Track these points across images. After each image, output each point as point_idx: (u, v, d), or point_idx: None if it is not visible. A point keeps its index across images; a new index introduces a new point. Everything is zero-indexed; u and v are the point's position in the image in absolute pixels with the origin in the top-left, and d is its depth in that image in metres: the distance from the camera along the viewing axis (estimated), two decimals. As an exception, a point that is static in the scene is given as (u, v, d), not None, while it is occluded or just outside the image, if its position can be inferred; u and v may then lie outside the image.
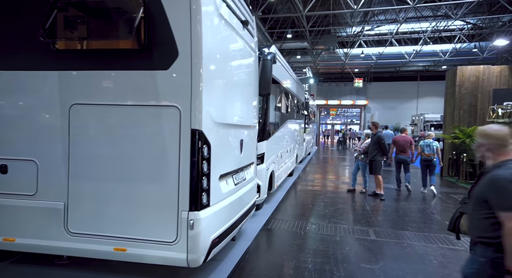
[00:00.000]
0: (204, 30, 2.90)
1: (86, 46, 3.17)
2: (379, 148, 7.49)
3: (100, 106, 3.04)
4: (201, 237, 2.94)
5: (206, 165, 2.99)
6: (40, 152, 3.11)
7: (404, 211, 6.54)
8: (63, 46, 3.06)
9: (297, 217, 5.96)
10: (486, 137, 2.14)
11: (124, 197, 3.01)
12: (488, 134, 2.14)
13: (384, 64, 28.75)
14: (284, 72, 7.56)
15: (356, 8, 16.17)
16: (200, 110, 2.89)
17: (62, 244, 3.07)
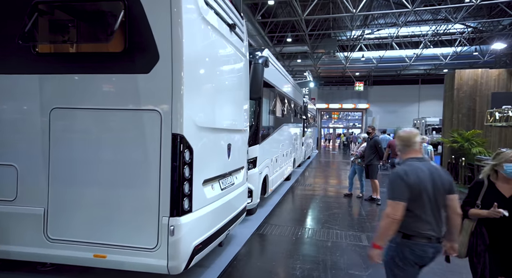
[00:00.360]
0: (186, 33, 2.86)
1: (66, 49, 3.15)
2: (375, 152, 7.42)
3: (80, 110, 3.00)
4: (182, 243, 2.88)
5: (187, 169, 2.94)
6: (20, 157, 3.08)
7: (400, 216, 6.44)
8: (43, 49, 3.03)
9: (291, 222, 5.89)
10: (397, 139, 2.49)
11: (104, 202, 2.96)
12: (398, 136, 2.48)
13: (385, 68, 28.66)
14: (279, 76, 7.53)
15: (355, 12, 16.17)
16: (181, 114, 2.85)
17: (42, 251, 3.02)
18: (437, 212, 2.28)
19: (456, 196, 2.34)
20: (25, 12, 2.94)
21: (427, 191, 2.25)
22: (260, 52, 5.95)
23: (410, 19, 20.50)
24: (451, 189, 2.33)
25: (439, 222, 2.29)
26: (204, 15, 3.21)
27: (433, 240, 2.24)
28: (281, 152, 7.98)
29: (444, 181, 2.31)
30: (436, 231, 2.26)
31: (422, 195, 2.24)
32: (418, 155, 2.39)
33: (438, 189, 2.28)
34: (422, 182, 2.25)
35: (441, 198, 2.29)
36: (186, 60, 2.86)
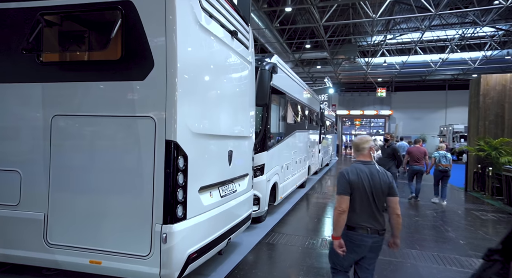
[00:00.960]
0: (180, 41, 2.87)
1: (67, 58, 3.24)
2: (394, 160, 7.14)
3: (79, 117, 3.07)
4: (175, 252, 2.85)
5: (181, 176, 2.92)
6: (24, 163, 3.18)
7: (416, 228, 6.14)
8: (46, 58, 3.14)
9: (300, 231, 5.74)
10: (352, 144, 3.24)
11: (99, 208, 2.99)
12: (352, 142, 3.02)
13: (409, 73, 27.84)
14: (290, 83, 7.45)
15: (375, 17, 15.87)
16: (175, 120, 2.84)
17: (41, 256, 3.08)
18: (375, 207, 2.64)
19: (395, 198, 2.67)
20: (30, 23, 3.07)
21: (364, 189, 2.62)
22: (269, 58, 5.91)
23: (435, 23, 19.87)
24: (390, 191, 2.66)
25: (378, 216, 2.65)
26: (201, 22, 3.21)
27: (370, 231, 2.61)
28: (294, 158, 7.85)
29: (383, 183, 2.65)
30: (374, 224, 2.63)
31: (361, 192, 2.62)
32: (366, 158, 2.78)
33: (376, 188, 2.63)
34: (360, 181, 2.63)
35: (380, 196, 2.64)
36: (180, 67, 2.87)
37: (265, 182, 5.65)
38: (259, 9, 15.20)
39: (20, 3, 3.14)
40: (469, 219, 6.98)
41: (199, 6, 3.20)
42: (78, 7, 3.03)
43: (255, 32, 17.58)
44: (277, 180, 6.32)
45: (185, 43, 2.97)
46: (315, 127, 11.52)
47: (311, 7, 15.10)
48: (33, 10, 3.10)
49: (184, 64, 2.93)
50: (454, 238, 5.59)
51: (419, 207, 7.93)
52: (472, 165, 10.78)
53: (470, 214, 7.47)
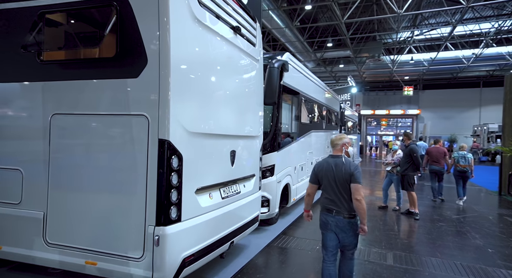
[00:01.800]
0: (174, 37, 2.78)
1: (65, 56, 3.24)
2: (411, 161, 6.73)
3: (75, 116, 3.06)
4: (168, 255, 2.76)
5: (175, 177, 2.82)
6: (25, 162, 3.21)
7: (439, 234, 5.73)
8: (46, 57, 3.15)
9: (312, 234, 5.51)
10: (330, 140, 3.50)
11: (95, 208, 2.96)
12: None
13: (438, 70, 26.55)
14: (304, 81, 7.22)
15: (400, 12, 15.21)
16: (168, 119, 2.75)
17: (41, 255, 3.09)
18: (338, 192, 3.07)
19: (355, 185, 3.00)
20: (30, 22, 3.10)
21: (328, 177, 3.13)
22: (280, 56, 5.74)
23: (467, 17, 18.78)
24: (351, 179, 3.02)
25: (341, 200, 3.07)
26: (199, 18, 3.11)
27: (332, 212, 3.10)
28: (309, 159, 7.61)
29: (345, 173, 3.05)
30: (337, 207, 3.09)
31: (327, 180, 3.14)
32: (337, 153, 3.24)
33: (338, 177, 3.07)
34: (325, 171, 3.15)
35: (343, 184, 3.05)
36: (174, 65, 2.78)
37: (275, 183, 5.47)
38: (278, 8, 15.01)
39: (20, 3, 3.17)
40: (501, 225, 6.45)
41: (197, 1, 3.09)
42: (76, 4, 3.02)
43: (275, 31, 17.41)
44: (289, 181, 6.12)
45: (180, 40, 2.87)
46: (334, 128, 11.17)
47: (332, 4, 14.73)
48: (33, 9, 3.12)
49: (178, 61, 2.84)
50: (482, 246, 5.15)
51: (444, 211, 7.44)
52: (507, 167, 10.03)
53: (502, 220, 6.91)
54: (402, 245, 5.08)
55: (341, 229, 3.08)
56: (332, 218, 3.10)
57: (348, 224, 3.06)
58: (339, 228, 3.08)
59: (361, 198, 2.98)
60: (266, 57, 5.58)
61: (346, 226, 3.07)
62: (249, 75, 4.35)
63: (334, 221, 3.09)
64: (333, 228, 3.11)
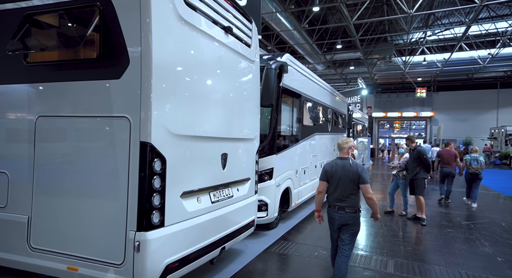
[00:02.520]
0: (156, 37, 2.70)
1: (50, 58, 3.22)
2: (420, 165, 6.48)
3: (59, 118, 3.02)
4: (150, 261, 2.67)
5: (158, 180, 2.74)
6: (11, 165, 3.19)
7: (446, 240, 5.47)
8: (32, 59, 3.13)
9: (312, 240, 5.35)
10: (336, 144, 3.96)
11: (77, 212, 2.90)
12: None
13: (453, 72, 25.84)
14: (307, 83, 7.08)
15: (411, 13, 14.88)
16: (150, 121, 2.67)
17: (25, 260, 3.04)
18: (343, 190, 3.43)
19: (364, 185, 3.38)
20: (16, 24, 3.09)
21: (336, 177, 3.46)
22: (280, 57, 5.63)
23: (483, 16, 18.23)
24: (359, 179, 3.39)
25: (346, 197, 3.42)
26: (185, 18, 3.03)
27: (337, 209, 3.45)
28: (313, 163, 7.44)
29: (353, 173, 3.40)
30: (341, 204, 3.43)
31: (334, 180, 3.48)
32: (344, 155, 3.59)
33: (345, 177, 3.42)
34: (334, 171, 3.50)
35: (348, 183, 3.41)
36: (156, 66, 2.70)
37: (274, 187, 5.34)
38: (286, 10, 14.91)
39: (5, 5, 3.17)
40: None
41: (182, 1, 3.02)
42: (61, 5, 2.99)
43: (283, 34, 17.29)
44: (290, 185, 5.97)
45: (163, 40, 2.80)
46: (341, 130, 10.95)
47: (341, 5, 14.53)
48: (19, 11, 3.11)
49: (161, 62, 2.76)
50: (491, 254, 4.88)
51: (454, 217, 7.13)
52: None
53: (516, 226, 6.58)
54: (406, 252, 4.86)
55: (343, 222, 3.44)
56: (336, 214, 3.47)
57: (350, 218, 3.43)
58: (342, 221, 3.45)
59: (371, 195, 3.40)
60: (265, 59, 5.48)
61: (348, 219, 3.42)
62: (244, 77, 4.25)
63: (337, 216, 3.46)
64: (336, 223, 3.49)
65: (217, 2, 3.58)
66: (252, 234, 4.72)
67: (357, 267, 4.25)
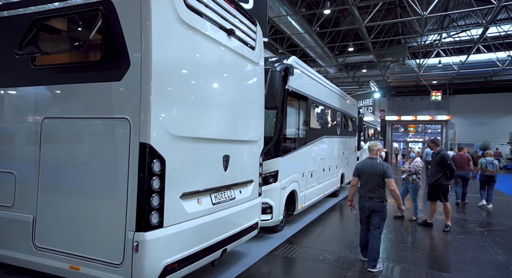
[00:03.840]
0: (156, 40, 2.74)
1: (56, 61, 3.31)
2: (443, 170, 6.26)
3: (63, 120, 3.10)
4: (148, 262, 2.69)
5: (157, 181, 2.76)
6: (18, 165, 3.28)
7: (457, 247, 5.31)
8: (39, 62, 3.23)
9: (317, 244, 5.28)
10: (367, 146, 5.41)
11: (79, 212, 2.95)
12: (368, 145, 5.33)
13: (469, 74, 25.22)
14: (314, 85, 7.03)
15: (425, 14, 14.61)
16: (149, 122, 2.70)
17: (30, 258, 3.11)
18: (372, 184, 4.22)
19: (389, 179, 4.15)
20: (24, 28, 3.19)
21: (366, 173, 4.28)
22: (286, 59, 5.62)
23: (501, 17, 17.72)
24: (384, 174, 4.18)
25: (374, 190, 4.20)
26: (186, 21, 3.06)
27: (367, 199, 4.23)
28: (320, 166, 7.37)
29: (379, 170, 4.20)
30: (370, 195, 4.21)
31: (364, 176, 4.30)
32: (373, 156, 4.42)
33: (374, 173, 4.22)
34: (364, 168, 4.32)
35: (376, 178, 4.20)
36: (156, 68, 2.74)
37: (279, 190, 5.31)
38: (297, 13, 14.90)
39: (17, 10, 3.28)
40: (530, 240, 5.89)
41: (183, 4, 3.05)
42: (67, 9, 3.07)
43: (294, 37, 17.28)
44: (296, 188, 5.92)
45: (164, 43, 2.84)
46: (351, 134, 10.81)
47: (352, 7, 14.41)
48: (28, 16, 3.22)
49: (161, 64, 2.79)
50: (504, 262, 4.70)
51: (467, 223, 6.92)
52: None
53: (533, 234, 6.32)
54: (413, 258, 4.74)
55: (373, 210, 4.21)
56: (366, 203, 4.25)
57: (378, 206, 4.19)
58: (371, 209, 4.21)
59: (394, 188, 4.15)
60: (271, 61, 5.48)
61: (377, 207, 4.18)
62: (247, 79, 4.26)
63: (368, 204, 4.22)
64: (366, 210, 4.26)
65: (220, 5, 3.61)
66: (256, 237, 4.70)
67: (361, 272, 4.16)
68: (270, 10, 12.95)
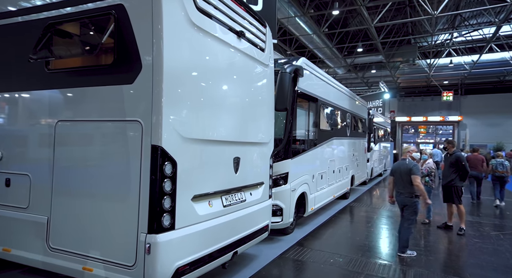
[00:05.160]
0: (168, 43, 2.75)
1: (69, 65, 3.35)
2: (457, 171, 6.17)
3: (76, 123, 3.14)
4: (160, 264, 2.69)
5: (169, 183, 2.77)
6: (33, 167, 3.33)
7: (472, 250, 5.20)
8: (53, 66, 3.28)
9: (327, 246, 5.23)
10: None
11: (92, 213, 2.98)
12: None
13: (482, 74, 24.75)
14: (324, 87, 6.99)
15: (435, 14, 14.41)
16: (161, 125, 2.72)
17: (44, 259, 3.15)
18: (402, 181, 4.85)
19: (414, 176, 4.66)
20: (38, 33, 3.25)
21: (398, 172, 4.93)
22: (295, 61, 5.60)
23: (515, 16, 17.33)
24: (410, 172, 4.71)
25: (404, 186, 4.82)
26: (197, 24, 3.08)
27: (400, 194, 4.89)
28: (330, 167, 7.31)
29: (406, 168, 4.77)
30: (402, 190, 4.87)
31: (396, 174, 4.98)
32: (404, 157, 4.99)
33: (403, 171, 4.82)
34: (396, 168, 5.03)
35: (405, 176, 4.78)
36: (167, 71, 2.75)
37: (289, 192, 5.28)
38: (305, 14, 14.86)
39: (31, 16, 3.34)
40: (548, 244, 5.73)
41: (194, 7, 3.07)
42: (80, 13, 3.11)
43: (302, 38, 17.24)
44: (306, 190, 5.88)
45: (175, 46, 2.85)
46: (362, 135, 10.71)
47: (361, 8, 14.31)
48: (42, 21, 3.27)
49: (173, 67, 2.81)
50: (521, 266, 4.58)
51: (482, 227, 6.77)
52: None
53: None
54: (427, 262, 4.65)
55: (404, 204, 4.87)
56: (399, 197, 4.94)
57: (407, 201, 4.80)
58: (403, 203, 4.89)
59: (418, 183, 4.65)
60: (280, 63, 5.47)
61: (407, 202, 4.81)
62: (257, 81, 4.26)
63: (399, 199, 4.94)
64: (400, 203, 4.95)
65: (230, 7, 3.62)
66: (267, 239, 4.68)
67: (375, 276, 4.10)
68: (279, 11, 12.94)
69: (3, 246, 3.41)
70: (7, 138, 3.58)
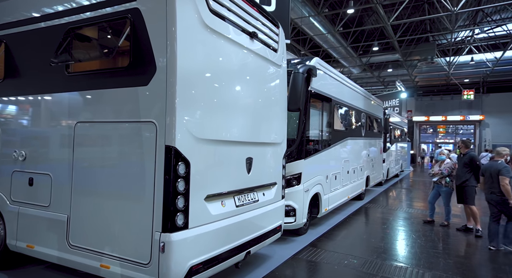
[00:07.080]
0: (181, 45, 2.81)
1: (88, 68, 3.46)
2: (471, 171, 6.06)
3: (94, 124, 3.24)
4: (174, 262, 2.75)
5: (182, 183, 2.82)
6: (54, 167, 3.46)
7: (492, 254, 5.03)
8: (73, 69, 3.40)
9: (341, 248, 5.19)
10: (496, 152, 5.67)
11: (109, 212, 3.07)
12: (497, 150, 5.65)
13: (506, 71, 23.84)
14: (338, 87, 6.93)
15: (455, 10, 14.02)
16: (174, 125, 2.77)
17: (64, 256, 3.27)
18: (491, 181, 5.19)
19: (502, 177, 4.99)
20: (59, 38, 3.37)
21: (488, 172, 5.29)
22: (309, 61, 5.58)
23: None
24: (499, 173, 5.06)
25: (494, 185, 5.14)
26: (210, 26, 3.12)
27: (490, 193, 5.21)
28: (345, 168, 7.24)
29: (495, 169, 5.15)
30: (492, 189, 5.17)
31: (486, 174, 5.34)
32: (497, 158, 5.41)
33: (493, 172, 5.18)
34: (485, 169, 5.42)
35: (495, 176, 5.12)
36: (181, 72, 2.80)
37: (302, 192, 5.26)
38: (319, 14, 14.76)
39: (53, 21, 3.48)
40: None
41: (207, 9, 3.11)
42: (98, 18, 3.22)
43: (317, 38, 17.12)
44: (319, 191, 5.85)
45: (188, 48, 2.90)
46: (377, 135, 10.55)
47: (377, 6, 14.09)
48: (62, 26, 3.40)
49: (186, 68, 2.86)
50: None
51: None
52: None
53: None
54: (445, 265, 4.54)
55: (496, 203, 5.15)
56: (488, 195, 5.25)
57: (499, 199, 5.08)
58: (495, 201, 5.16)
59: (504, 183, 4.96)
60: (293, 63, 5.47)
61: (498, 200, 5.10)
62: (270, 82, 4.27)
63: (490, 197, 5.22)
64: (491, 202, 5.22)
65: (242, 8, 3.65)
66: (280, 239, 4.69)
67: (390, 278, 4.05)
68: (292, 11, 12.91)
69: (27, 242, 3.55)
70: (31, 139, 3.74)
